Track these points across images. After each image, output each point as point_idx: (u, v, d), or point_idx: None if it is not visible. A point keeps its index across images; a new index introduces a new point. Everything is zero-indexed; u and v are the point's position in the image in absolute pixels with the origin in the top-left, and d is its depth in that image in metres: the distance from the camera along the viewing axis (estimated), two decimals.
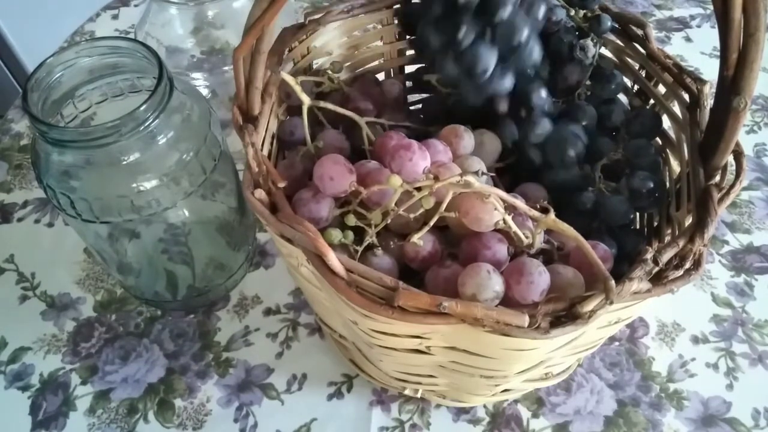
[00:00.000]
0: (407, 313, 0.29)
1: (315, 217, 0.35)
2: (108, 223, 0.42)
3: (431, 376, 0.40)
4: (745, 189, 0.60)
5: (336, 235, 0.34)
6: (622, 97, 0.45)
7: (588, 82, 0.43)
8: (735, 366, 0.48)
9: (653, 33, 0.42)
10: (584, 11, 0.42)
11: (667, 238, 0.38)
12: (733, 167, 0.34)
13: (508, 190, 0.32)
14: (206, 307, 0.52)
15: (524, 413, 0.46)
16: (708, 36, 0.75)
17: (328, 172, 0.34)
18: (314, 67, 0.46)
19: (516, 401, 0.47)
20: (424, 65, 0.48)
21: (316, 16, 0.43)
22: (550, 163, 0.41)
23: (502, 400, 0.46)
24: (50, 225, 0.58)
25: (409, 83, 0.50)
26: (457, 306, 0.28)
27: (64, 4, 0.99)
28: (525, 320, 0.28)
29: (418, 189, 0.32)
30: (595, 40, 0.42)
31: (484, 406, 0.46)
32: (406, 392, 0.46)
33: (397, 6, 0.45)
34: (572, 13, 0.42)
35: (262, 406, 0.47)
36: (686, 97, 0.39)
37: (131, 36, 0.49)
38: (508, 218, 0.31)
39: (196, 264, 0.51)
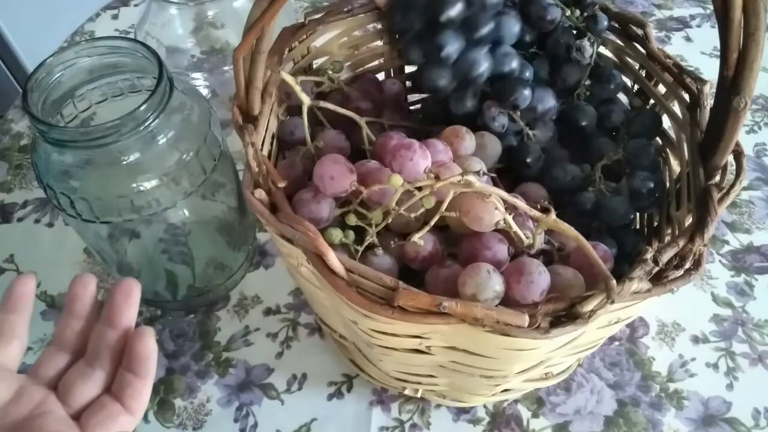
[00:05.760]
0: (407, 313, 0.29)
1: (316, 217, 0.35)
2: (108, 223, 0.42)
3: (431, 376, 0.40)
4: (745, 189, 0.60)
5: (336, 234, 0.34)
6: (622, 97, 0.45)
7: (588, 82, 0.43)
8: (735, 366, 0.48)
9: (653, 33, 0.42)
10: (580, 11, 0.42)
11: (667, 238, 0.38)
12: (733, 167, 0.34)
13: (509, 191, 0.32)
14: (206, 307, 0.52)
15: (524, 413, 0.46)
16: (708, 36, 0.75)
17: (329, 171, 0.34)
18: (314, 67, 0.46)
19: (516, 401, 0.47)
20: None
21: (316, 16, 0.43)
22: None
23: (502, 400, 0.46)
24: (50, 225, 0.58)
25: (408, 83, 0.50)
26: (457, 306, 0.28)
27: (64, 4, 0.99)
28: (525, 320, 0.28)
29: (419, 188, 0.32)
30: (592, 40, 0.42)
31: (484, 406, 0.46)
32: (406, 392, 0.46)
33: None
34: (568, 13, 0.42)
35: (262, 406, 0.47)
36: (686, 97, 0.39)
37: (131, 36, 0.49)
38: (509, 218, 0.31)
39: (196, 264, 0.51)
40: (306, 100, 0.39)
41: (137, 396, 0.31)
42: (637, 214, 0.43)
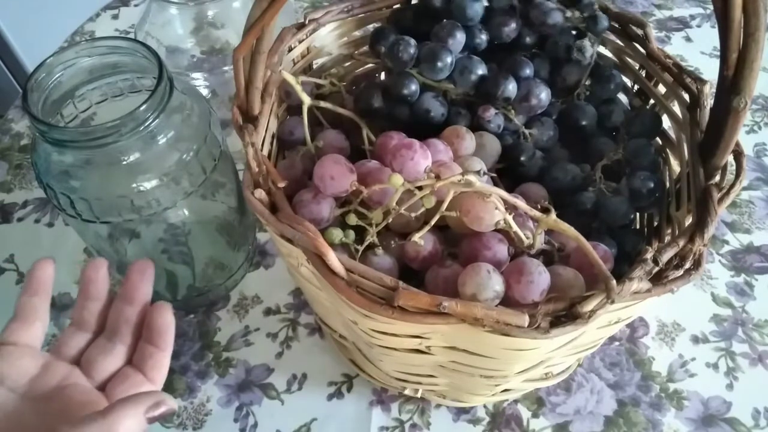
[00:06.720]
0: (407, 313, 0.29)
1: (316, 218, 0.35)
2: (108, 223, 0.42)
3: (431, 376, 0.40)
4: (745, 189, 0.60)
5: (337, 234, 0.34)
6: (623, 97, 0.45)
7: (588, 82, 0.43)
8: (735, 366, 0.48)
9: (653, 33, 0.42)
10: (579, 11, 0.42)
11: (667, 238, 0.38)
12: (733, 167, 0.34)
13: (509, 191, 0.32)
14: (206, 307, 0.52)
15: (524, 413, 0.46)
16: (708, 36, 0.75)
17: (329, 171, 0.34)
18: (314, 67, 0.46)
19: (516, 401, 0.47)
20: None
21: (316, 16, 0.43)
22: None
23: (502, 400, 0.46)
24: (50, 225, 0.58)
25: None
26: (457, 306, 0.28)
27: (64, 4, 0.99)
28: (525, 320, 0.28)
29: (420, 188, 0.32)
30: (592, 40, 0.42)
31: (484, 406, 0.46)
32: (406, 392, 0.46)
33: (397, 6, 0.46)
34: (568, 14, 0.42)
35: (262, 406, 0.47)
36: (686, 97, 0.39)
37: (131, 36, 0.49)
38: (509, 218, 0.31)
39: (196, 264, 0.51)
40: (306, 100, 0.39)
41: (159, 367, 0.33)
42: (637, 214, 0.43)
